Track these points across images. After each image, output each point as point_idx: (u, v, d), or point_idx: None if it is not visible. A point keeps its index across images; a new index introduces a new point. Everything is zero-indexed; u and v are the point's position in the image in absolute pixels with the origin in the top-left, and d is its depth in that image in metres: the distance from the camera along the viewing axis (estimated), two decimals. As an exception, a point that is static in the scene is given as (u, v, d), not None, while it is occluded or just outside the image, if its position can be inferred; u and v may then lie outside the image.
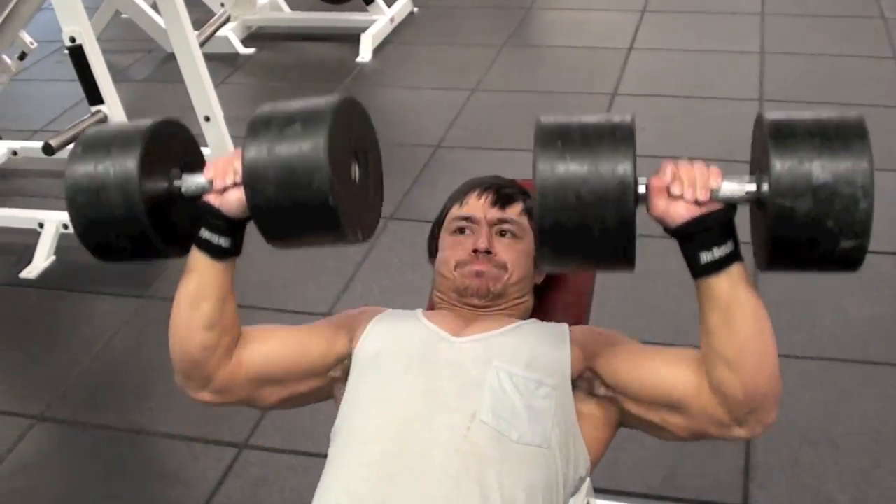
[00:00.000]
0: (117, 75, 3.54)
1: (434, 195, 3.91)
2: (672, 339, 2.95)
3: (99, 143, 1.49)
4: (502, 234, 1.79)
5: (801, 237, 1.29)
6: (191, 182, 1.53)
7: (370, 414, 1.54)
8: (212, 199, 1.51)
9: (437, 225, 1.91)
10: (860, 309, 3.06)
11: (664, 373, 1.52)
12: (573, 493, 1.58)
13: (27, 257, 3.64)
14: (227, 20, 4.63)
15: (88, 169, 1.47)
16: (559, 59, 5.31)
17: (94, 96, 3.35)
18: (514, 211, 1.82)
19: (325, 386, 1.70)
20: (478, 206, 1.82)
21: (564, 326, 1.67)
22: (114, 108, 3.38)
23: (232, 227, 1.53)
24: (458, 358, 1.59)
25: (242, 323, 1.66)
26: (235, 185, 1.48)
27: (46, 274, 3.59)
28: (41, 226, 3.70)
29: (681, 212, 1.36)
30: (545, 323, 1.71)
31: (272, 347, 1.67)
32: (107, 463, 2.74)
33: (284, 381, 1.68)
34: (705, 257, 1.37)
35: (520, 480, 1.45)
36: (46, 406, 2.93)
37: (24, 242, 3.70)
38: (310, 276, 3.39)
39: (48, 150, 3.19)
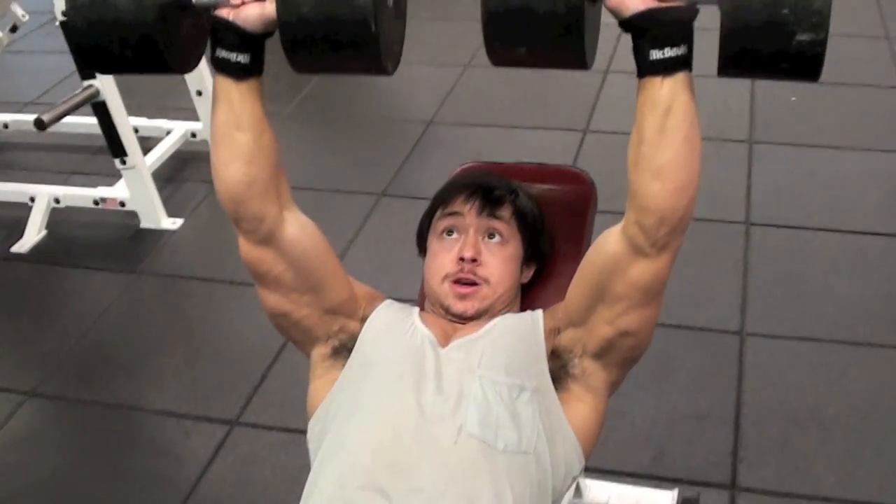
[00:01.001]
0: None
1: (426, 172, 3.91)
2: (660, 319, 2.99)
3: None
4: (490, 236, 1.77)
5: (754, 27, 1.23)
6: None
7: (359, 424, 1.53)
8: (225, 13, 1.41)
9: (425, 223, 1.88)
10: (849, 289, 3.07)
11: (586, 260, 1.54)
12: (564, 494, 1.59)
13: (18, 231, 3.63)
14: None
15: None
16: (552, 35, 5.28)
17: (86, 70, 3.33)
18: (503, 214, 1.80)
19: (316, 332, 1.66)
20: (465, 209, 1.79)
21: (538, 314, 1.67)
22: (105, 83, 3.36)
23: (250, 42, 1.42)
24: (444, 369, 1.58)
25: (233, 304, 1.64)
26: None
27: (37, 248, 3.59)
28: (32, 200, 3.69)
29: (636, 2, 1.30)
30: (519, 315, 1.70)
31: (315, 232, 1.61)
32: (98, 439, 2.75)
33: (300, 283, 1.61)
34: (655, 55, 1.31)
35: (509, 489, 1.45)
36: (38, 382, 2.93)
37: (15, 216, 3.70)
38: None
39: (40, 124, 3.18)
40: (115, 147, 3.48)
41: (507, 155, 4.00)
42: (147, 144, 3.89)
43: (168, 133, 4.11)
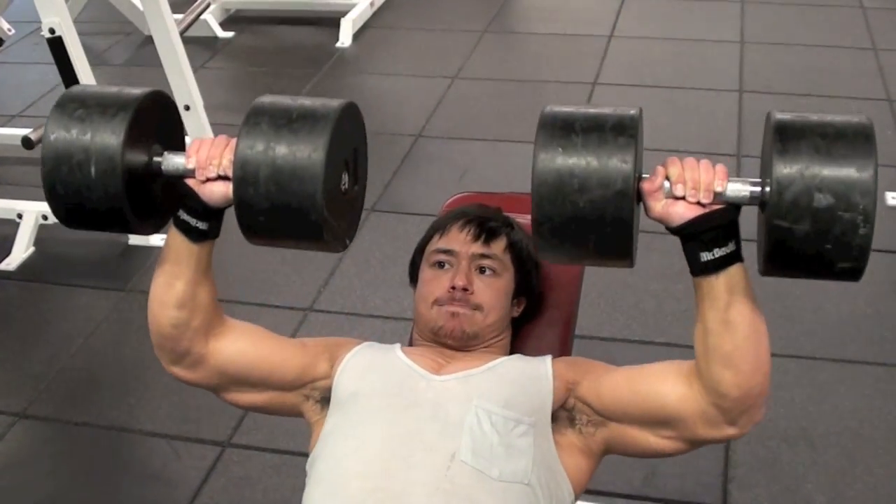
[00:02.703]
0: (94, 59, 3.50)
1: (416, 186, 3.92)
2: (651, 335, 3.00)
3: (83, 105, 1.43)
4: (482, 270, 1.77)
5: (798, 257, 1.26)
6: (171, 162, 1.47)
7: (349, 451, 1.54)
8: (192, 183, 1.47)
9: (419, 251, 1.89)
10: (839, 307, 3.08)
11: (651, 387, 1.51)
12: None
13: (6, 248, 3.61)
14: (208, 6, 4.59)
15: (69, 131, 1.41)
16: (540, 47, 5.30)
17: (73, 85, 3.31)
18: (497, 246, 1.80)
19: (295, 403, 1.69)
20: (459, 239, 1.80)
21: (547, 360, 1.67)
22: (93, 100, 3.35)
23: (211, 213, 1.50)
24: (438, 397, 1.58)
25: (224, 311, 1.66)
26: (219, 177, 1.45)
27: (25, 266, 3.57)
28: (20, 216, 3.67)
29: (681, 212, 1.33)
30: (527, 358, 1.70)
31: (247, 347, 1.65)
32: (89, 462, 2.73)
33: (253, 385, 1.67)
34: (705, 257, 1.34)
35: None
36: (28, 403, 2.92)
37: (3, 233, 3.67)
38: (291, 270, 3.38)
39: (27, 143, 3.16)
40: (104, 164, 3.46)
41: (495, 167, 4.03)
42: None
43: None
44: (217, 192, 1.46)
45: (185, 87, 3.92)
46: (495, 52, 5.22)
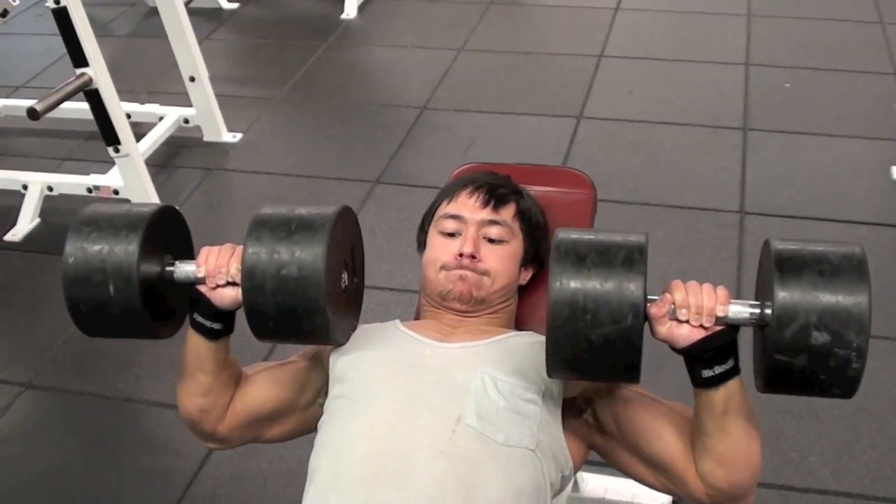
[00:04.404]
0: (99, 30, 3.48)
1: (421, 158, 3.91)
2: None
3: (99, 226, 1.52)
4: (490, 240, 1.78)
5: (795, 383, 1.34)
6: (182, 270, 1.57)
7: (355, 415, 1.55)
8: (204, 290, 1.55)
9: (428, 217, 1.89)
10: (844, 280, 3.07)
11: (668, 441, 1.54)
12: (559, 492, 1.60)
13: (11, 219, 3.62)
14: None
15: (86, 253, 1.50)
16: (546, 19, 5.28)
17: (79, 59, 3.30)
18: (506, 213, 1.81)
19: (317, 413, 1.70)
20: (468, 205, 1.80)
21: None
22: (99, 71, 3.33)
23: (223, 315, 1.58)
24: (443, 363, 1.59)
25: None
26: (228, 283, 1.54)
27: (31, 237, 3.58)
28: (25, 188, 3.68)
29: (685, 334, 1.39)
30: (536, 336, 1.69)
31: (254, 397, 1.70)
32: (96, 432, 2.75)
33: (277, 419, 1.72)
34: (706, 373, 1.41)
35: (507, 481, 1.46)
36: (34, 373, 2.93)
37: (8, 204, 3.68)
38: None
39: (33, 114, 3.16)
40: (109, 135, 3.46)
41: (501, 140, 4.02)
42: (139, 130, 3.87)
43: (160, 119, 4.09)
44: (227, 297, 1.55)
45: (189, 58, 3.92)
46: (501, 23, 5.19)
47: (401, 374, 1.58)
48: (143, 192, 3.59)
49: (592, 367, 1.39)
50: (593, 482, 2.37)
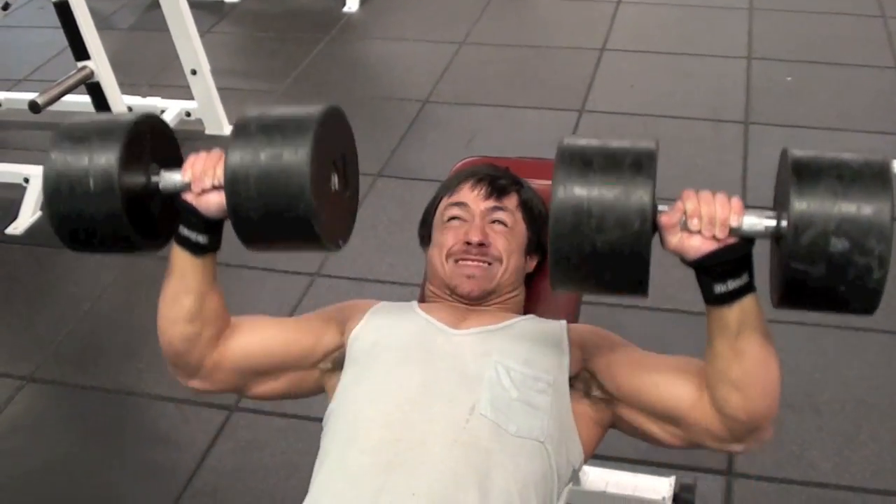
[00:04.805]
0: (100, 23, 3.49)
1: (422, 152, 3.91)
2: (658, 303, 2.99)
3: (79, 135, 1.48)
4: (495, 223, 1.78)
5: (812, 296, 1.28)
6: (168, 179, 1.52)
7: (368, 402, 1.55)
8: (190, 198, 1.50)
9: (429, 213, 1.89)
10: (845, 274, 3.07)
11: (667, 387, 1.52)
12: (567, 484, 1.60)
13: (13, 213, 3.62)
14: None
15: (67, 161, 1.46)
16: (548, 11, 5.27)
17: (81, 52, 3.31)
18: (509, 203, 1.81)
19: (316, 379, 1.70)
20: (471, 197, 1.80)
21: (563, 324, 1.67)
22: (100, 64, 3.34)
23: (209, 225, 1.53)
24: (457, 350, 1.59)
25: (231, 276, 1.65)
26: (214, 188, 1.48)
27: (32, 230, 3.58)
28: (27, 180, 3.67)
29: (697, 245, 1.34)
30: (543, 320, 1.71)
31: (257, 339, 1.68)
32: (97, 425, 2.75)
33: (271, 373, 1.69)
34: (719, 289, 1.35)
35: (517, 472, 1.47)
36: (35, 367, 2.94)
37: (10, 197, 3.68)
38: (298, 236, 3.37)
39: (34, 107, 3.16)
40: (110, 128, 3.46)
41: (503, 134, 4.02)
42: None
43: (162, 112, 4.09)
44: (213, 202, 1.48)
45: (191, 51, 3.91)
46: (503, 17, 5.18)
47: (415, 362, 1.58)
48: (145, 186, 3.59)
49: (597, 278, 1.33)
50: (594, 475, 2.37)
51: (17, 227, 3.57)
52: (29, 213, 3.61)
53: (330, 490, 1.48)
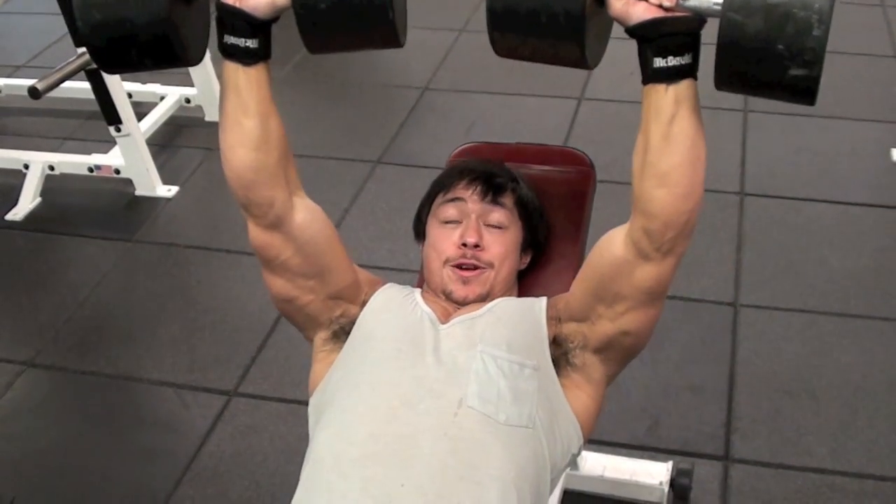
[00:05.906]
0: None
1: (422, 139, 3.91)
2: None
3: None
4: (492, 226, 1.77)
5: (749, 57, 1.22)
6: None
7: (358, 396, 1.55)
8: (232, 0, 1.44)
9: (424, 207, 1.88)
10: (842, 261, 3.09)
11: (595, 256, 1.54)
12: (564, 470, 1.61)
13: (12, 199, 3.62)
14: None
15: None
16: (547, -1, 5.25)
17: (80, 37, 3.30)
18: (505, 201, 1.80)
19: (318, 317, 1.68)
20: (466, 195, 1.79)
21: (542, 300, 1.68)
22: (99, 50, 3.33)
23: (258, 28, 1.45)
24: (444, 344, 1.60)
25: (230, 273, 1.63)
26: None
27: (32, 216, 3.59)
28: (26, 167, 3.68)
29: (640, 12, 1.31)
30: (521, 299, 1.71)
31: (325, 227, 1.64)
32: (97, 410, 2.76)
33: (306, 274, 1.64)
34: (658, 62, 1.31)
35: (509, 461, 1.47)
36: (35, 352, 2.95)
37: (9, 183, 3.69)
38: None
39: (34, 93, 3.16)
40: (110, 114, 3.47)
41: (502, 122, 4.02)
42: (140, 110, 3.87)
43: (162, 99, 4.09)
44: (262, 1, 1.43)
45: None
46: (502, 4, 5.17)
47: (405, 356, 1.58)
48: (145, 172, 3.60)
49: (532, 33, 1.30)
50: (592, 460, 2.38)
51: (17, 214, 3.57)
52: (29, 200, 3.61)
53: (320, 481, 1.48)
